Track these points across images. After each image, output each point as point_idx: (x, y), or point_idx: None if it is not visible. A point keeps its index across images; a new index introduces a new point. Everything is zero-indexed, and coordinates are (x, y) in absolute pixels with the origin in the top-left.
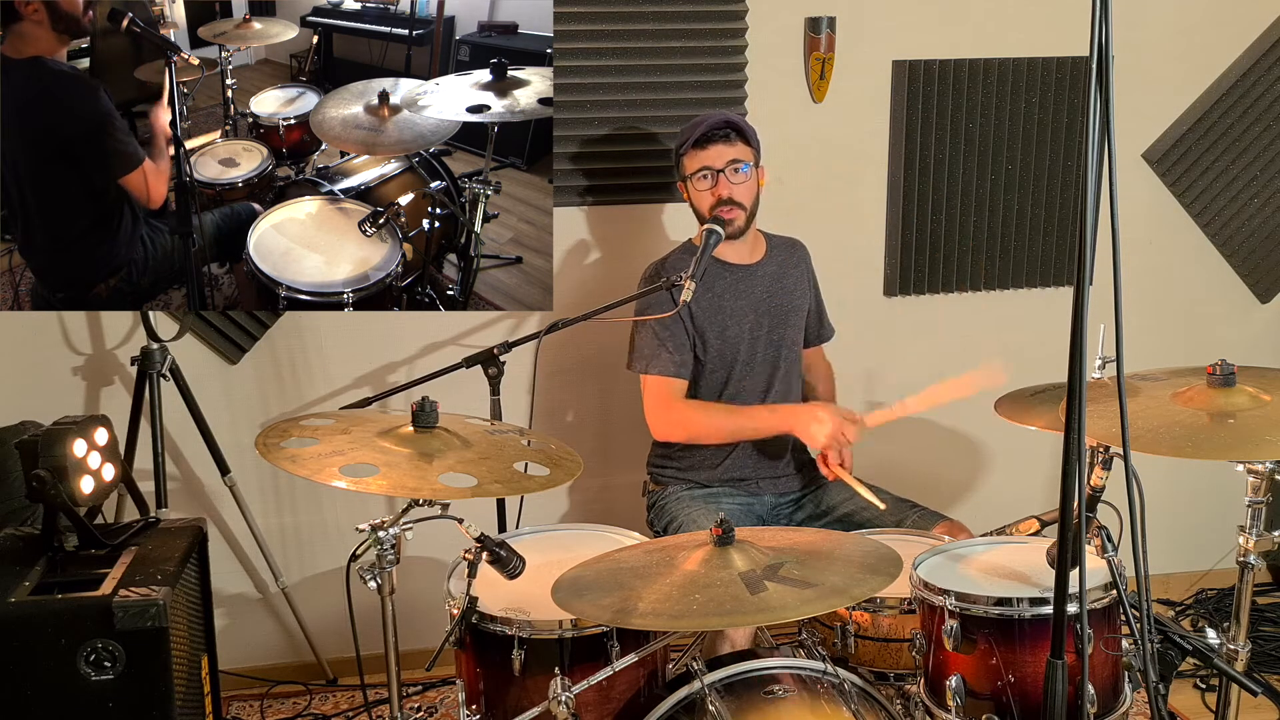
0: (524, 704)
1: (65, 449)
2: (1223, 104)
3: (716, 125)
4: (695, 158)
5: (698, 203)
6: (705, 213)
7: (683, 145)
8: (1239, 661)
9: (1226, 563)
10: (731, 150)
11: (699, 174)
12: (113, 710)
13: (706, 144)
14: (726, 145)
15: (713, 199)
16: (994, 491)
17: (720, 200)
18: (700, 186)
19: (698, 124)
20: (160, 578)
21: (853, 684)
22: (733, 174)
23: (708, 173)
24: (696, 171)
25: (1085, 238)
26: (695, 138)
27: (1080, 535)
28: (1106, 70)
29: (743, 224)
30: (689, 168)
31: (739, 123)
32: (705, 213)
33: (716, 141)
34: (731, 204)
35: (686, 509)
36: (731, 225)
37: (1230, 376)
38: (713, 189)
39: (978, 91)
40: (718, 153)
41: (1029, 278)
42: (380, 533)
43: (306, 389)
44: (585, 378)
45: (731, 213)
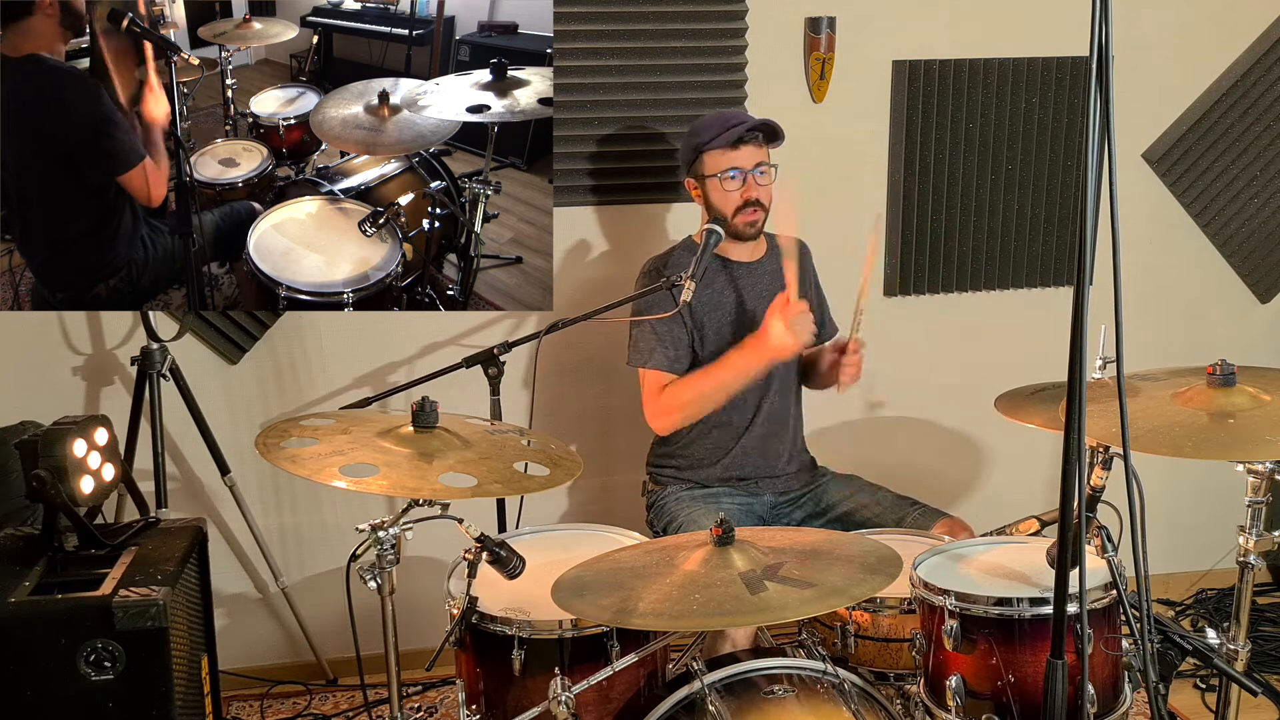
0: (524, 704)
1: (65, 449)
2: (1223, 104)
3: (755, 126)
4: (725, 156)
5: (720, 202)
6: (728, 213)
7: (705, 143)
8: (1239, 661)
9: (1226, 563)
10: (759, 152)
11: (727, 173)
12: (113, 710)
13: (739, 144)
14: (756, 147)
15: (740, 200)
16: (994, 491)
17: (747, 202)
18: (729, 186)
19: (723, 121)
20: (160, 578)
21: (853, 684)
22: (759, 176)
23: (738, 173)
24: (725, 171)
25: (1085, 238)
26: (731, 138)
27: (1080, 535)
28: (1106, 70)
29: (762, 226)
30: (714, 166)
31: (775, 126)
32: (728, 213)
33: (749, 143)
34: (758, 206)
35: (686, 509)
36: (754, 227)
37: (1230, 376)
38: (741, 190)
39: (978, 91)
40: (749, 154)
41: (1029, 278)
42: (380, 533)
43: (306, 389)
44: (585, 378)
45: (755, 214)
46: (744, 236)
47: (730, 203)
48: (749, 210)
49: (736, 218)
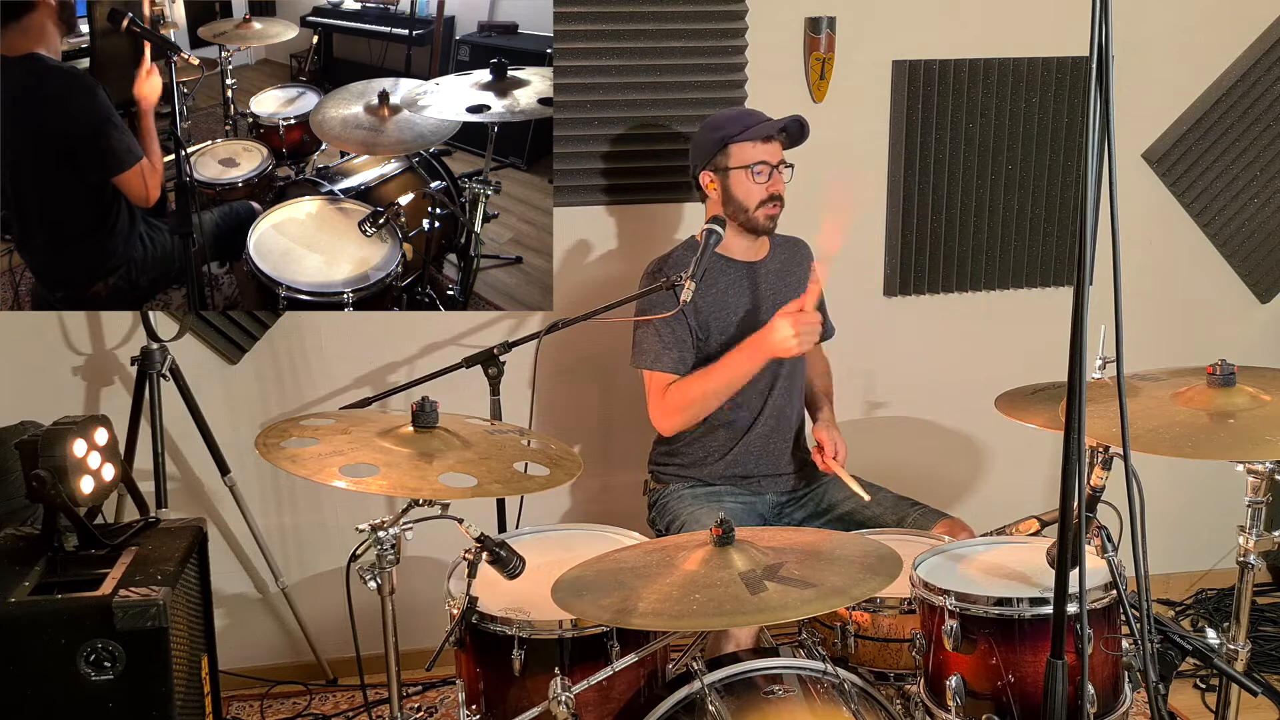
0: (524, 704)
1: (65, 449)
2: (1223, 104)
3: (793, 124)
4: (755, 149)
5: (744, 195)
6: (751, 205)
7: (738, 134)
8: (1239, 661)
9: (1226, 563)
10: (781, 150)
11: (758, 166)
12: (113, 710)
13: (770, 139)
14: (780, 145)
15: (765, 194)
16: (994, 491)
17: (771, 196)
18: (758, 180)
19: (755, 116)
20: (160, 578)
21: (853, 684)
22: (783, 170)
23: (764, 167)
24: (755, 163)
25: (1085, 238)
26: (763, 132)
27: (1080, 535)
28: (1106, 70)
29: (777, 221)
30: (743, 158)
31: (806, 124)
32: (751, 205)
33: (776, 139)
34: (779, 201)
35: (688, 507)
36: (774, 221)
37: (1230, 376)
38: (768, 184)
39: (978, 91)
40: (776, 150)
41: (1029, 278)
42: (380, 533)
43: (306, 389)
44: (585, 378)
45: (776, 209)
46: (761, 230)
47: (755, 196)
48: (772, 204)
49: (759, 210)
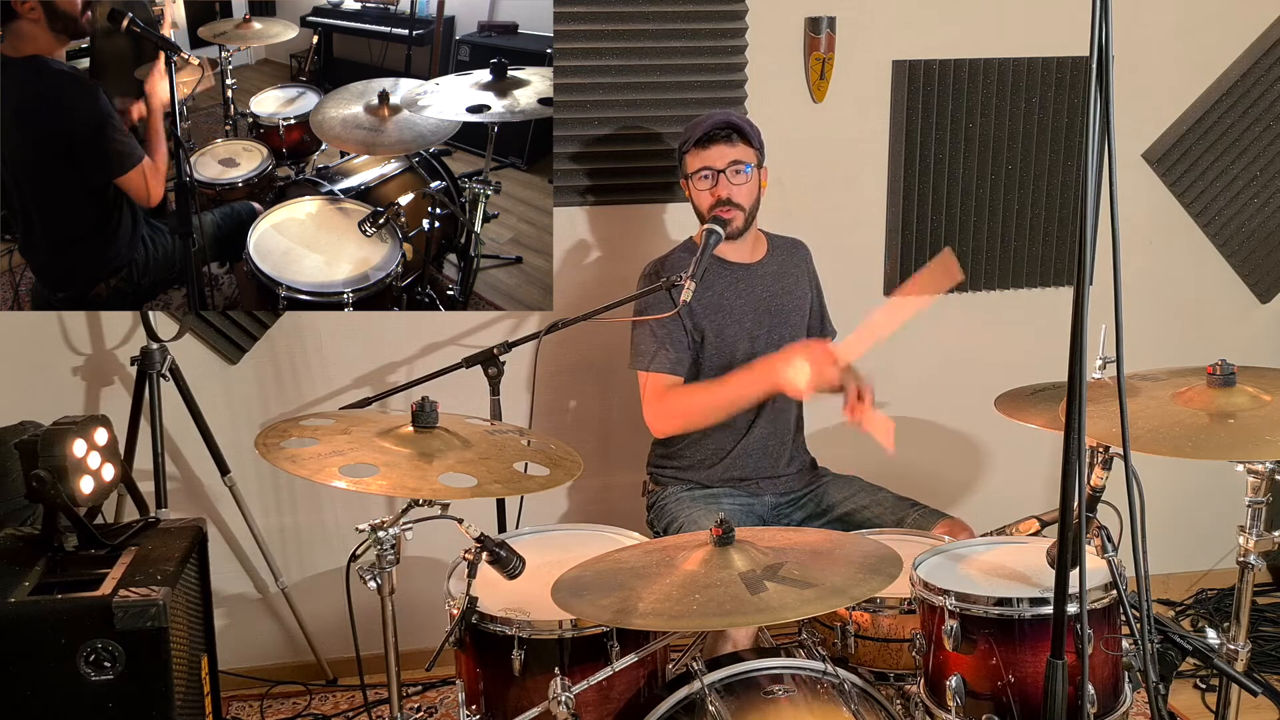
0: (524, 704)
1: (65, 449)
2: (1223, 104)
3: (718, 125)
4: (697, 157)
5: (698, 202)
6: (705, 212)
7: (685, 144)
8: (1239, 661)
9: (1226, 563)
10: (733, 151)
11: (700, 173)
12: (113, 710)
13: (708, 144)
14: (728, 146)
15: (712, 199)
16: (994, 491)
17: (719, 201)
18: (700, 186)
19: (700, 123)
20: (160, 578)
21: (853, 684)
22: (733, 175)
23: (708, 172)
24: (697, 171)
25: (1085, 238)
26: (697, 137)
27: (1080, 535)
28: (1106, 70)
29: (741, 225)
30: (690, 166)
31: (740, 123)
32: (705, 212)
33: (719, 142)
34: (730, 205)
35: (687, 509)
36: (730, 226)
37: (1230, 376)
38: (712, 189)
39: (978, 91)
40: (719, 153)
41: (1029, 278)
42: (380, 533)
43: (306, 389)
44: (585, 378)
45: (730, 213)
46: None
47: (704, 201)
48: (722, 209)
49: (711, 214)
